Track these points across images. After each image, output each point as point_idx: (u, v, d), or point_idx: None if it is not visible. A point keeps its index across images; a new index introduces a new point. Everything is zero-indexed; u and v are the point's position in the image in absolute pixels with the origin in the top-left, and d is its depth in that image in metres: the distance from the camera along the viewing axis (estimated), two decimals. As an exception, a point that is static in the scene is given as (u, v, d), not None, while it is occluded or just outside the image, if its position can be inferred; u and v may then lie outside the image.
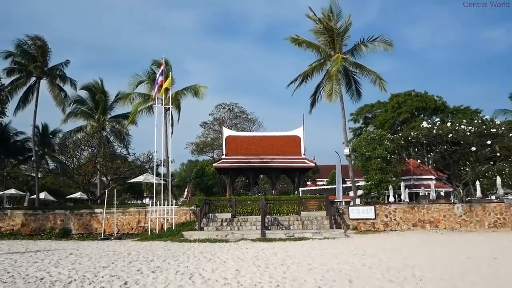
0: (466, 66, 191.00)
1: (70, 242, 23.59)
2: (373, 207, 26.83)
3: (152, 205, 26.75)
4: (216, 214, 25.86)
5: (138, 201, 61.94)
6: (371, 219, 26.32)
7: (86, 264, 13.78)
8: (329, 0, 31.09)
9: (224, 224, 24.81)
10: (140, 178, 35.64)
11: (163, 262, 13.98)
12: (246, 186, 48.70)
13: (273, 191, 35.78)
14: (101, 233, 25.87)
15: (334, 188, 34.50)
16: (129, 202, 36.42)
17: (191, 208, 27.12)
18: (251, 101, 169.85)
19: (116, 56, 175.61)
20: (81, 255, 16.43)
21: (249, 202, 26.90)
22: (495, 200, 30.57)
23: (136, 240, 22.69)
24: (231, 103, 64.56)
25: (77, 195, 47.25)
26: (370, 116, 68.91)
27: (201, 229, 24.01)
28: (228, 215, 25.57)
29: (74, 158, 36.15)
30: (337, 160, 31.56)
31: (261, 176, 44.76)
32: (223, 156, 33.11)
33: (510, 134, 30.24)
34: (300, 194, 35.81)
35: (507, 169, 39.83)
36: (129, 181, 37.99)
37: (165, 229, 25.11)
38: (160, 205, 26.39)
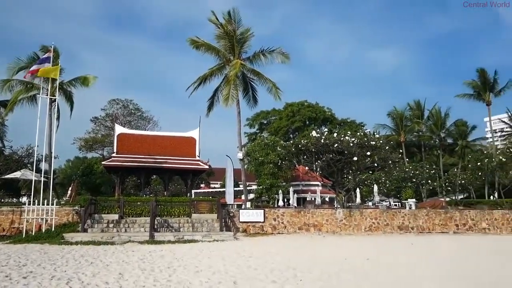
0: (355, 82, 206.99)
1: None
2: (262, 210, 27.64)
3: (29, 204, 24.40)
4: (103, 215, 24.49)
5: (14, 199, 56.23)
6: (260, 222, 27.07)
7: None
8: (232, 6, 31.53)
9: (111, 225, 23.60)
10: (16, 174, 32.48)
11: (38, 266, 12.82)
12: (137, 186, 47.01)
13: (165, 192, 35.04)
14: (-36, 235, 22.90)
15: (227, 191, 34.85)
16: (2, 201, 32.85)
17: (74, 208, 25.29)
18: (148, 99, 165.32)
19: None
20: None
21: (138, 203, 25.94)
22: (371, 206, 33.52)
23: (8, 242, 20.50)
24: (126, 99, 61.81)
25: None
26: (265, 122, 71.17)
27: (85, 230, 22.55)
28: (116, 216, 24.37)
29: None
30: (229, 163, 31.95)
31: (154, 176, 43.59)
32: (114, 154, 31.49)
33: (387, 147, 33.40)
34: (193, 196, 35.60)
35: (383, 178, 44.07)
36: (3, 177, 34.40)
37: (43, 231, 23.08)
38: (39, 204, 24.18)
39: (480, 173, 41.79)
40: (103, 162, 32.99)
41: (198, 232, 23.60)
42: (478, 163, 41.61)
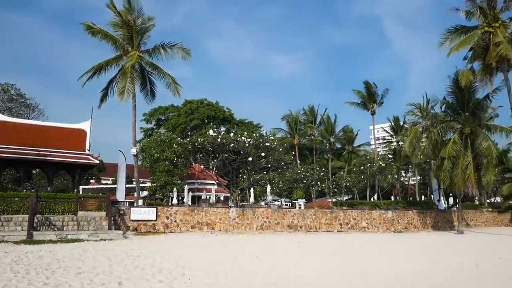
0: (255, 84, 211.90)
1: None
2: (155, 208, 26.92)
3: None
4: (-29, 212, 21.86)
5: None
6: (152, 220, 26.33)
7: None
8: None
9: (-20, 223, 21.15)
10: None
11: None
12: (16, 180, 42.77)
13: (49, 188, 32.38)
14: None
15: (119, 187, 33.31)
16: None
17: None
18: (35, 86, 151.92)
19: None
20: None
21: (16, 199, 23.58)
22: (264, 206, 34.52)
23: None
24: (6, 83, 55.46)
25: None
26: (163, 118, 69.53)
27: None
28: (-14, 213, 21.90)
29: None
30: (121, 159, 30.61)
31: (37, 170, 40.06)
32: (-11, 144, 28.28)
33: (281, 149, 34.65)
34: (81, 193, 33.43)
35: (276, 178, 45.75)
36: None
37: None
38: None
39: (363, 177, 45.48)
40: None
41: (84, 231, 22.24)
42: (362, 167, 45.23)
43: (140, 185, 34.75)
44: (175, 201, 33.72)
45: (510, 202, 48.47)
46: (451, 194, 44.75)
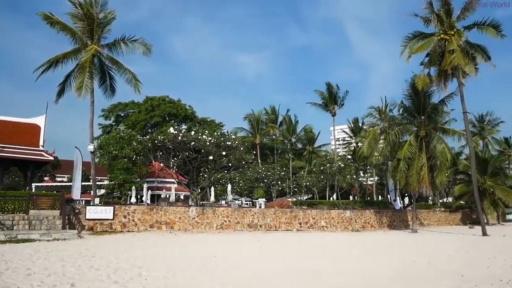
0: (219, 83, 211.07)
1: None
2: (112, 207, 26.21)
3: None
4: None
5: None
6: (109, 219, 25.62)
7: None
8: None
9: None
10: None
11: None
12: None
13: (-1, 185, 30.87)
14: None
15: (75, 185, 32.21)
16: None
17: None
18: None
19: None
20: None
21: (-41, 197, 22.34)
22: (224, 205, 34.42)
23: None
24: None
25: None
26: (123, 114, 67.88)
27: None
28: None
29: None
30: (78, 156, 29.63)
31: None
32: None
33: (242, 148, 34.62)
34: (34, 190, 32.04)
35: (237, 178, 45.69)
36: None
37: None
38: None
39: (322, 176, 46.22)
40: None
41: (36, 231, 21.35)
42: (322, 168, 45.93)
43: (97, 183, 33.85)
44: (133, 199, 33.02)
45: (461, 202, 50.64)
46: (406, 194, 46.16)
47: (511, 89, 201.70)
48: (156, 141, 30.75)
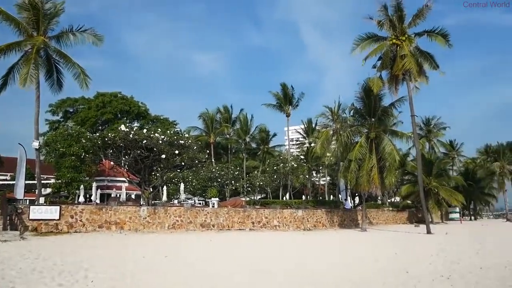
0: (173, 81, 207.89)
1: None
2: (58, 207, 25.10)
3: None
4: None
5: None
6: (54, 219, 24.51)
7: None
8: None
9: None
10: None
11: None
12: None
13: None
14: None
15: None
16: None
17: None
18: None
19: None
20: None
21: None
22: (176, 204, 33.90)
23: None
24: None
25: None
26: (71, 110, 65.24)
27: None
28: None
29: None
30: (21, 153, 28.20)
31: None
32: None
33: (195, 147, 34.24)
34: (-28, 189, 30.19)
35: (190, 177, 45.14)
36: None
37: None
38: None
39: (276, 176, 46.60)
40: None
41: (-26, 231, 20.11)
42: (275, 167, 46.30)
43: (43, 181, 32.32)
44: (82, 199, 31.79)
45: (408, 202, 52.81)
46: (357, 194, 47.48)
47: (460, 98, 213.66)
48: (106, 139, 29.80)
